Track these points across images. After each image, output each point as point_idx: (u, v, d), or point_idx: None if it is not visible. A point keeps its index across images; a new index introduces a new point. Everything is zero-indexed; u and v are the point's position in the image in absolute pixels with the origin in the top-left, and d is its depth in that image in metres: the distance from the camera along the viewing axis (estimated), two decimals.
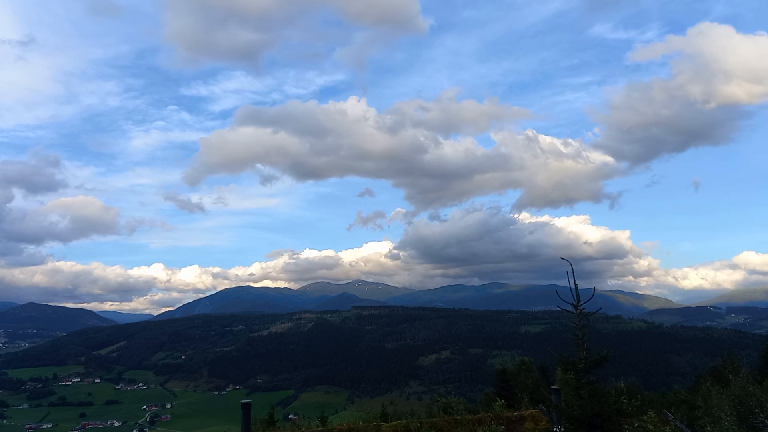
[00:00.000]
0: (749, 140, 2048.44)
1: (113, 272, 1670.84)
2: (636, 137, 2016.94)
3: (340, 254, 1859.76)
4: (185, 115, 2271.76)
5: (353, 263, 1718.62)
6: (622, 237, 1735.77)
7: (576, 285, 15.32)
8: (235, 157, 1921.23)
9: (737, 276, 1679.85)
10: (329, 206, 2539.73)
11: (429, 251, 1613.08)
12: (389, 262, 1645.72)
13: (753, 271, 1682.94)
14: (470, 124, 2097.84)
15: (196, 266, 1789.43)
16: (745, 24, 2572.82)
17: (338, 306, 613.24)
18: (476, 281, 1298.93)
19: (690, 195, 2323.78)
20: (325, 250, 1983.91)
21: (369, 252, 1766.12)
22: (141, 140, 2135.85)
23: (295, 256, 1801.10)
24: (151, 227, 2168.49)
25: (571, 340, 15.05)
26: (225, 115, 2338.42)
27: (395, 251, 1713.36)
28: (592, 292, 15.15)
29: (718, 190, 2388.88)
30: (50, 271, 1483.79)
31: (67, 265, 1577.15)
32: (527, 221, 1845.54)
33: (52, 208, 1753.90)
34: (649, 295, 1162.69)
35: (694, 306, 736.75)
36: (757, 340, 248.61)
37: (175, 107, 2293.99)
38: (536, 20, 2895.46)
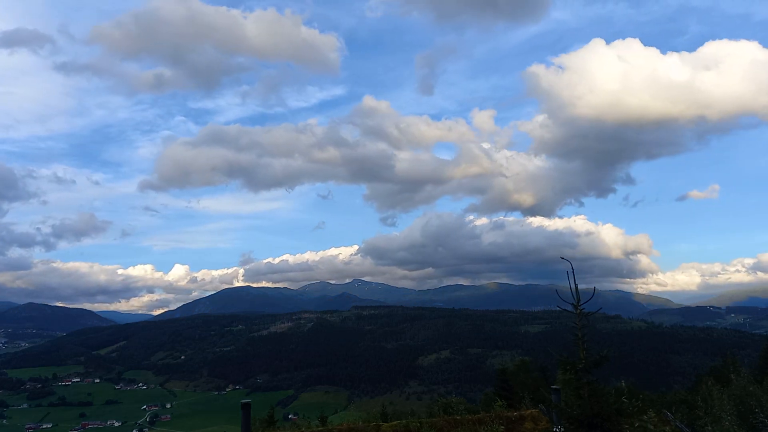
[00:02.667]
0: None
1: (111, 273, 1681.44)
2: (589, 146, 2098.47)
3: (305, 256, 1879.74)
4: (191, 126, 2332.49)
5: (317, 264, 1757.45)
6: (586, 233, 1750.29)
7: (576, 285, 15.28)
8: (203, 168, 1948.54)
9: (697, 279, 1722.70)
10: (318, 210, 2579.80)
11: (389, 254, 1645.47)
12: (352, 266, 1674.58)
13: (712, 274, 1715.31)
14: (433, 136, 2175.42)
15: (186, 267, 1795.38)
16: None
17: (338, 306, 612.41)
18: (446, 282, 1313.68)
19: (660, 203, 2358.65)
20: (306, 253, 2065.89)
21: (334, 254, 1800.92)
22: (147, 149, 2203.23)
23: (252, 262, 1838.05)
24: (149, 230, 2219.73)
25: (571, 340, 15.00)
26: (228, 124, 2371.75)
27: (358, 255, 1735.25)
28: (592, 292, 15.10)
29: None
30: (46, 272, 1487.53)
31: (64, 266, 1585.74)
32: (486, 223, 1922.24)
33: (48, 212, 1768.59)
34: (648, 295, 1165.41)
35: (693, 306, 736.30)
36: (757, 340, 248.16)
37: (182, 118, 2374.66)
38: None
